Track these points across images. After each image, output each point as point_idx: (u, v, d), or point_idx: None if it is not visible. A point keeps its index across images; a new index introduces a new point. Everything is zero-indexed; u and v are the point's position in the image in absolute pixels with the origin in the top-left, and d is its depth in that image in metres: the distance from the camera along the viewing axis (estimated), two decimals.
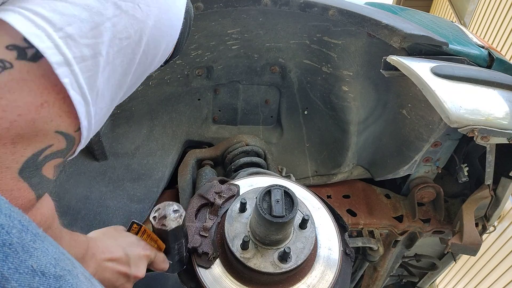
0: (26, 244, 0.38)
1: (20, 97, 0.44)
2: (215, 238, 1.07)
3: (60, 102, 0.48)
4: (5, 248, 0.36)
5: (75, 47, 0.47)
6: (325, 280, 1.02)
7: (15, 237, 0.37)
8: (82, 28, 0.47)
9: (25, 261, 0.37)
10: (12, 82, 0.44)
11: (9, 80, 0.44)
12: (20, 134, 0.45)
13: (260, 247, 1.00)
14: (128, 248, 0.83)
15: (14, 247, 0.37)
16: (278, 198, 0.95)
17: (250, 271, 0.98)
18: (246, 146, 1.72)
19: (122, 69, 0.55)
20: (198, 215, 1.14)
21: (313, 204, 1.17)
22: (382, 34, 1.33)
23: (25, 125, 0.45)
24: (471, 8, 6.51)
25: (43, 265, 0.39)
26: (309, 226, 1.04)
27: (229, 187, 1.19)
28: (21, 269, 0.37)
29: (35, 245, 0.39)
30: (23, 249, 0.38)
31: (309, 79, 1.72)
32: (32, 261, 0.38)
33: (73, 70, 0.47)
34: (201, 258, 1.03)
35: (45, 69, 0.45)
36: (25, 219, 0.40)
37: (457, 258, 1.97)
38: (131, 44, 0.53)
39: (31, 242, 0.39)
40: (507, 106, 1.16)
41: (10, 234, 0.37)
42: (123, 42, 0.52)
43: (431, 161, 1.66)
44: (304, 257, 0.99)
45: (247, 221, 1.04)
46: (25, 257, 0.37)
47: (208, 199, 1.16)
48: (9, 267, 0.36)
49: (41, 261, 0.39)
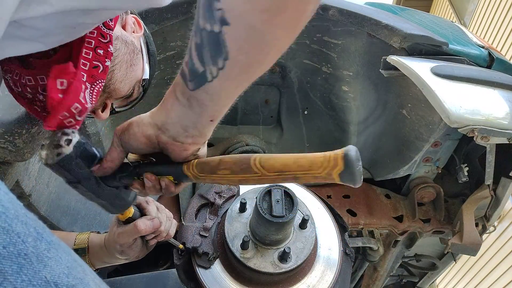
0: (41, 253, 0.38)
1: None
2: (215, 238, 1.07)
3: None
4: (20, 259, 0.36)
5: None
6: (325, 280, 1.02)
7: (30, 246, 0.37)
8: None
9: (39, 272, 0.37)
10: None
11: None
12: None
13: (260, 247, 1.00)
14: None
15: (29, 257, 0.37)
16: (278, 198, 0.95)
17: (250, 271, 0.98)
18: (246, 146, 1.72)
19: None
20: (198, 215, 1.14)
21: (313, 204, 1.17)
22: (382, 34, 1.33)
23: None
24: (471, 8, 6.51)
25: (56, 276, 0.39)
26: (309, 226, 1.04)
27: (229, 187, 1.19)
28: (35, 281, 0.36)
29: (49, 254, 0.39)
30: (38, 259, 0.37)
31: (309, 79, 1.72)
32: (46, 271, 0.38)
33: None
34: (201, 258, 1.03)
35: None
36: (40, 226, 0.40)
37: (457, 258, 1.97)
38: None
39: (45, 251, 0.39)
40: (507, 106, 1.16)
41: (25, 243, 0.37)
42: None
43: (431, 161, 1.66)
44: (304, 257, 0.99)
45: (247, 221, 1.04)
46: (39, 267, 0.37)
47: (208, 199, 1.16)
48: (22, 280, 0.35)
49: (54, 271, 0.39)
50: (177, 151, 0.64)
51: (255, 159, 0.61)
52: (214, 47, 0.50)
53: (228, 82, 0.54)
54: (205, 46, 0.51)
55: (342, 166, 0.55)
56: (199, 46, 0.52)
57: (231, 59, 0.50)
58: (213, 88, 0.54)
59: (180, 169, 0.67)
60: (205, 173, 0.65)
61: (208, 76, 0.53)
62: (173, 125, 0.61)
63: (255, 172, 0.60)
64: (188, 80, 0.56)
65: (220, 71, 0.52)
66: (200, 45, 0.52)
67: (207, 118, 0.60)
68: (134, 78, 0.86)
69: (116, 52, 0.78)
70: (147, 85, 0.94)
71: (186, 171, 0.66)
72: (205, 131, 0.62)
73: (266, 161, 0.60)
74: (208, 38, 0.50)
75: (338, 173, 0.55)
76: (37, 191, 1.09)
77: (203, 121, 0.60)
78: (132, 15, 0.88)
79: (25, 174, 1.02)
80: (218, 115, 0.60)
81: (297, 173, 0.58)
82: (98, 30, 0.72)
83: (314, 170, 0.57)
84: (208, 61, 0.52)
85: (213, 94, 0.55)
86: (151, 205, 0.94)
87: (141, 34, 0.90)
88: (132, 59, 0.84)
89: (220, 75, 0.52)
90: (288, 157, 0.59)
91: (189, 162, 0.66)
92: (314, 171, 0.57)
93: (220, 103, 0.58)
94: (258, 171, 0.60)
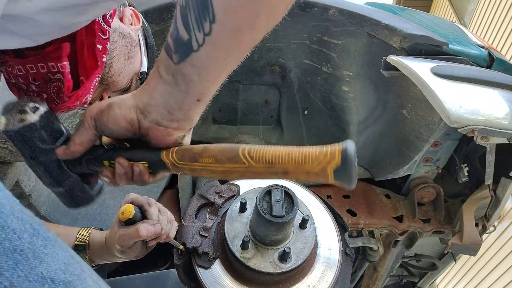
0: (37, 249, 0.38)
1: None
2: (215, 238, 1.07)
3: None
4: (16, 255, 0.35)
5: None
6: (325, 280, 1.02)
7: (26, 242, 0.37)
8: None
9: (35, 268, 0.37)
10: None
11: None
12: None
13: (260, 247, 1.00)
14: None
15: (25, 253, 0.36)
16: (278, 198, 0.95)
17: (250, 271, 0.98)
18: None
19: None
20: (198, 215, 1.14)
21: (313, 204, 1.17)
22: (382, 34, 1.33)
23: None
24: (471, 8, 6.51)
25: (53, 272, 0.38)
26: (309, 226, 1.04)
27: (229, 187, 1.19)
28: (31, 277, 0.36)
29: (46, 250, 0.39)
30: (34, 255, 0.37)
31: (309, 79, 1.72)
32: (42, 267, 0.37)
33: None
34: (201, 258, 1.03)
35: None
36: (36, 222, 0.40)
37: (457, 258, 1.97)
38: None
39: (41, 247, 0.38)
40: (507, 106, 1.16)
41: (21, 239, 0.36)
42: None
43: (431, 161, 1.66)
44: (304, 257, 0.99)
45: (247, 221, 1.04)
46: (35, 263, 0.37)
47: (208, 199, 1.16)
48: (18, 275, 0.35)
49: (51, 267, 0.38)
50: (160, 137, 0.59)
51: (244, 148, 0.55)
52: (199, 7, 0.46)
53: (215, 51, 0.49)
54: (190, 8, 0.47)
55: (339, 161, 0.50)
56: (183, 9, 0.48)
57: (218, 22, 0.46)
58: (200, 59, 0.50)
59: (158, 155, 0.60)
60: (185, 161, 0.58)
61: (194, 44, 0.49)
62: (156, 107, 0.56)
63: (242, 163, 0.54)
64: (173, 52, 0.51)
65: (206, 37, 0.48)
66: (184, 7, 0.48)
67: (193, 97, 0.54)
68: (131, 71, 0.85)
69: (113, 44, 0.77)
70: (145, 78, 0.93)
71: (164, 157, 0.59)
72: (191, 113, 0.57)
73: (256, 151, 0.54)
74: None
75: (333, 169, 0.50)
76: (37, 191, 1.09)
77: (189, 101, 0.55)
78: (130, 8, 0.87)
79: (25, 174, 1.02)
80: (206, 93, 0.55)
81: (288, 166, 0.52)
82: (98, 26, 0.71)
83: (307, 163, 0.51)
84: (193, 26, 0.48)
85: (200, 67, 0.51)
86: (153, 207, 0.93)
87: (139, 26, 0.89)
88: (129, 51, 0.83)
89: (206, 42, 0.48)
90: (280, 148, 0.54)
91: (169, 148, 0.60)
92: (308, 164, 0.51)
93: (208, 78, 0.53)
94: (245, 162, 0.54)
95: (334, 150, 0.51)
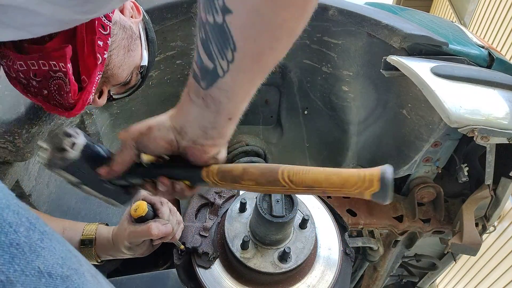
0: (34, 243, 0.37)
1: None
2: (215, 238, 1.07)
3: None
4: (12, 249, 0.35)
5: None
6: (325, 280, 1.02)
7: (22, 236, 0.37)
8: None
9: (32, 262, 0.36)
10: None
11: None
12: None
13: (260, 247, 1.00)
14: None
15: (21, 247, 0.36)
16: (278, 198, 0.95)
17: (250, 271, 0.98)
18: (246, 146, 1.72)
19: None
20: (198, 215, 1.14)
21: (313, 204, 1.17)
22: (382, 34, 1.33)
23: None
24: (471, 8, 6.51)
25: (50, 266, 0.38)
26: (309, 226, 1.04)
27: None
28: (28, 271, 0.36)
29: (43, 244, 0.38)
30: (30, 249, 0.37)
31: (309, 79, 1.72)
32: (39, 261, 0.37)
33: None
34: (201, 258, 1.03)
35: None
36: (33, 216, 0.39)
37: (457, 258, 1.97)
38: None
39: (38, 241, 0.38)
40: (507, 106, 1.16)
41: (17, 233, 0.36)
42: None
43: (431, 161, 1.66)
44: (304, 257, 0.99)
45: (247, 221, 1.04)
46: (32, 257, 0.37)
47: (208, 199, 1.16)
48: (15, 269, 0.35)
49: (48, 261, 0.38)
50: (197, 154, 0.62)
51: (283, 171, 0.57)
52: (220, 39, 0.48)
53: (241, 75, 0.52)
54: (211, 40, 0.49)
55: (378, 187, 0.51)
56: (204, 41, 0.50)
57: (239, 50, 0.48)
58: (227, 83, 0.52)
59: (199, 175, 0.63)
60: (226, 182, 0.61)
61: (219, 71, 0.51)
62: (191, 127, 0.59)
63: (282, 186, 0.57)
64: (200, 79, 0.54)
65: (230, 64, 0.50)
66: (205, 40, 0.50)
67: (225, 117, 0.57)
68: (132, 64, 0.85)
69: (113, 37, 0.77)
70: (145, 72, 0.92)
71: (205, 177, 0.62)
72: (224, 131, 0.60)
73: (295, 175, 0.56)
74: (212, 31, 0.48)
75: (371, 194, 0.52)
76: (37, 191, 1.09)
77: (221, 120, 0.57)
78: (131, 0, 0.87)
79: (25, 174, 1.02)
80: (236, 113, 0.58)
81: (327, 190, 0.55)
82: (99, 21, 0.71)
83: (345, 188, 0.53)
84: (216, 56, 0.50)
85: (227, 90, 0.53)
86: (165, 207, 0.93)
87: (140, 19, 0.88)
88: (130, 44, 0.82)
89: (231, 69, 0.50)
90: (319, 172, 0.56)
91: (208, 167, 0.63)
92: (346, 189, 0.53)
93: (236, 99, 0.55)
94: (285, 185, 0.56)
95: (372, 176, 0.52)
